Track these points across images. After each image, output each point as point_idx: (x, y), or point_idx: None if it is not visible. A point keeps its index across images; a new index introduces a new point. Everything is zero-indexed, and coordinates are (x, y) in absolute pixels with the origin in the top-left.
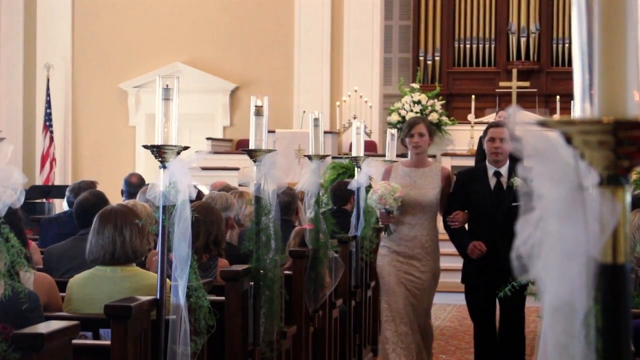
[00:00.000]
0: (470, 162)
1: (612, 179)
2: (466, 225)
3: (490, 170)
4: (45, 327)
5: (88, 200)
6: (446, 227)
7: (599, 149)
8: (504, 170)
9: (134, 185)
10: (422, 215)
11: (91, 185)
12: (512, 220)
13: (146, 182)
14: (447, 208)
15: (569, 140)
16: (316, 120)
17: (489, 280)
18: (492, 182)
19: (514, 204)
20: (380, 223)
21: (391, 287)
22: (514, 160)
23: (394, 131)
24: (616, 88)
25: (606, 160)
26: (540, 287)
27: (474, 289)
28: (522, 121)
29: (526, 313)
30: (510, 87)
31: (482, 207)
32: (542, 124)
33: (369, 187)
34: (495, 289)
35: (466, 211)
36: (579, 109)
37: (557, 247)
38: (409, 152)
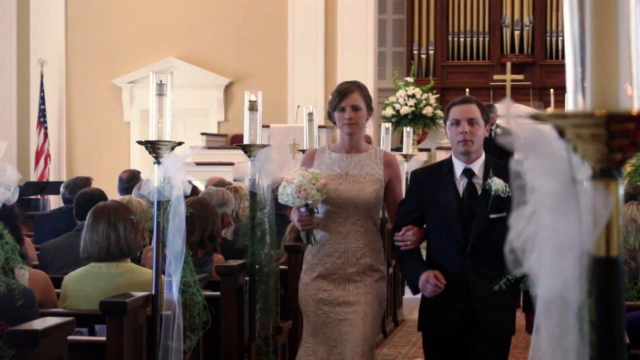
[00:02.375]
0: None
1: (605, 172)
2: (424, 247)
3: (458, 167)
4: (40, 324)
5: (92, 193)
6: (394, 248)
7: (591, 142)
8: (477, 166)
9: (124, 180)
10: (357, 220)
11: (86, 181)
12: (489, 239)
13: (140, 177)
14: (396, 222)
15: (561, 133)
16: (310, 114)
17: (454, 331)
18: (461, 183)
19: (492, 215)
20: (300, 228)
21: (315, 330)
22: (497, 151)
23: (389, 125)
24: (608, 81)
25: (599, 153)
26: (533, 281)
27: (435, 342)
28: (515, 114)
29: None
30: (504, 80)
31: (446, 220)
32: (535, 117)
33: None
34: (465, 343)
35: (424, 226)
36: (571, 102)
37: (551, 241)
38: (339, 132)
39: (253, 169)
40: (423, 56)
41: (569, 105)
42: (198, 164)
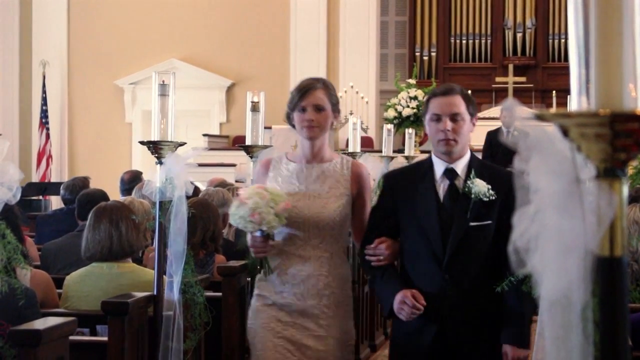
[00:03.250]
0: None
1: (609, 172)
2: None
3: (439, 167)
4: (42, 324)
5: (94, 194)
6: (364, 264)
7: (595, 141)
8: (460, 166)
9: (126, 181)
10: (320, 243)
11: (85, 181)
12: (468, 250)
13: (141, 178)
14: (367, 233)
15: (565, 133)
16: None
17: None
18: (442, 186)
19: (472, 222)
20: (252, 255)
21: None
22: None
23: (391, 127)
24: (612, 81)
25: (603, 153)
26: (537, 280)
27: None
28: (519, 115)
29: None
30: (506, 83)
31: (424, 228)
32: (539, 117)
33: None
34: None
35: (398, 239)
36: (575, 103)
37: (555, 240)
38: (299, 138)
39: (255, 169)
40: (425, 58)
41: (573, 106)
42: (200, 165)
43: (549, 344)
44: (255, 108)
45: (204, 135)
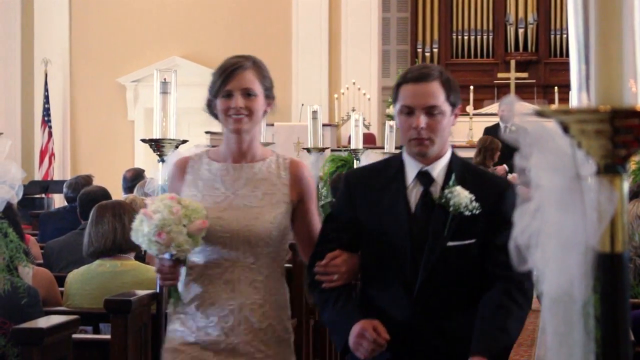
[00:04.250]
0: (471, 154)
1: (610, 168)
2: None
3: (411, 169)
4: (44, 322)
5: (95, 192)
6: (312, 286)
7: (596, 138)
8: (437, 169)
9: (128, 179)
10: (253, 263)
11: (87, 179)
12: (445, 277)
13: (144, 176)
14: (318, 245)
15: (566, 129)
16: (315, 113)
17: None
18: (414, 193)
19: (451, 242)
20: (159, 282)
21: None
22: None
23: (393, 123)
24: (613, 77)
25: (603, 149)
26: (539, 277)
27: None
28: (520, 111)
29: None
30: (508, 79)
31: (390, 245)
32: (540, 113)
33: None
34: None
35: (359, 253)
36: (576, 99)
37: (556, 237)
38: (224, 132)
39: None
40: (427, 54)
41: (574, 102)
42: None
43: (551, 340)
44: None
45: (206, 132)
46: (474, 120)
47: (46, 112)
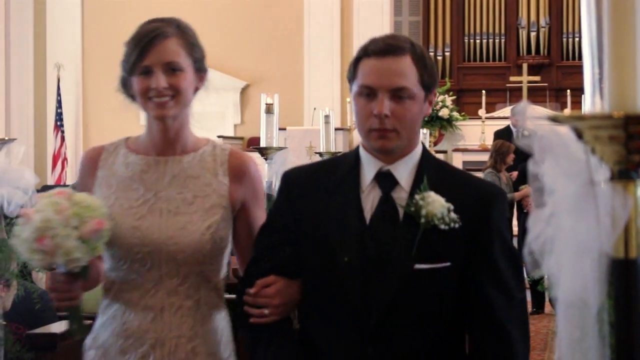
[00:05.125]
0: (484, 158)
1: (624, 174)
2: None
3: (369, 168)
4: (58, 327)
5: None
6: (242, 319)
7: (609, 143)
8: (403, 169)
9: None
10: (180, 284)
11: None
12: (410, 310)
13: None
14: (248, 268)
15: (579, 135)
16: (327, 117)
17: None
18: (371, 199)
19: (419, 265)
20: (54, 303)
21: None
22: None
23: None
24: (626, 82)
25: (617, 155)
26: (553, 283)
27: None
28: (532, 116)
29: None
30: (520, 82)
31: (338, 269)
32: (553, 119)
33: None
34: None
35: (300, 278)
36: (589, 104)
37: (570, 243)
38: (146, 117)
39: (270, 171)
40: (439, 58)
41: (587, 107)
42: None
43: (564, 346)
44: (269, 110)
45: (219, 136)
46: (486, 124)
47: (59, 116)
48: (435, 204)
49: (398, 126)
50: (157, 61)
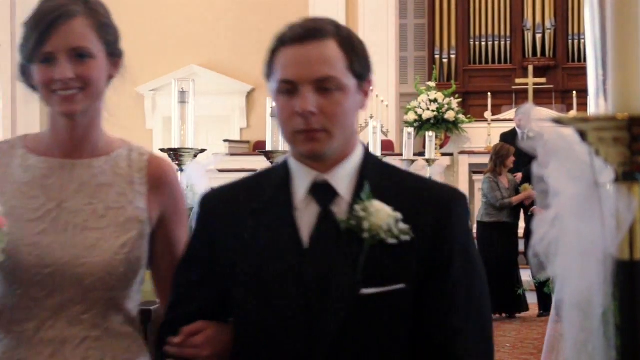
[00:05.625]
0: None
1: (628, 175)
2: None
3: (302, 179)
4: None
5: None
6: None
7: (614, 145)
8: (341, 177)
9: None
10: (84, 313)
11: None
12: (358, 345)
13: None
14: (168, 310)
15: (584, 137)
16: None
17: None
18: (307, 216)
19: (366, 289)
20: None
21: None
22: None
23: (411, 130)
24: (630, 84)
25: (621, 157)
26: (558, 285)
27: None
28: (537, 119)
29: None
30: (526, 84)
31: (274, 299)
32: (557, 121)
33: None
34: None
35: (230, 320)
36: (593, 105)
37: (574, 245)
38: (49, 112)
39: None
40: (445, 60)
41: (591, 109)
42: (221, 170)
43: (569, 348)
44: (275, 114)
45: (225, 140)
46: (492, 126)
47: None
48: (380, 214)
49: (328, 125)
50: (62, 47)
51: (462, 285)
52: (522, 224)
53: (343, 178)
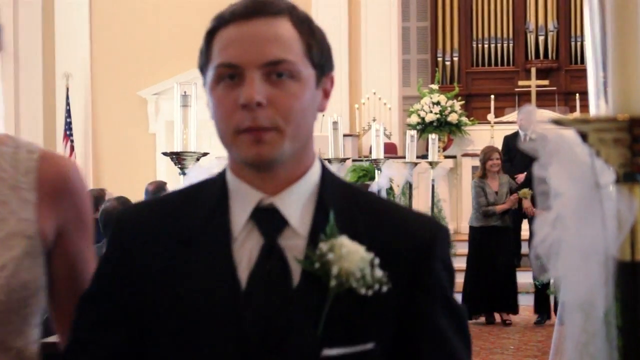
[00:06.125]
0: None
1: (629, 176)
2: None
3: (242, 202)
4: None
5: (115, 208)
6: None
7: (614, 146)
8: (290, 202)
9: (151, 192)
10: None
11: (101, 192)
12: None
13: (166, 189)
14: (67, 354)
15: (584, 138)
16: (335, 123)
17: None
18: (247, 250)
19: (330, 351)
20: None
21: None
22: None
23: (414, 132)
24: (631, 85)
25: (622, 158)
26: (559, 287)
27: None
28: (538, 119)
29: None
30: (529, 86)
31: (205, 357)
32: (558, 122)
33: (390, 189)
34: None
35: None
36: (594, 107)
37: (575, 246)
38: None
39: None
40: (447, 63)
41: (592, 110)
42: None
43: (571, 350)
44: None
45: None
46: (495, 128)
47: (68, 126)
48: (352, 256)
49: (280, 121)
50: None
51: (442, 347)
52: (525, 227)
53: (295, 203)
